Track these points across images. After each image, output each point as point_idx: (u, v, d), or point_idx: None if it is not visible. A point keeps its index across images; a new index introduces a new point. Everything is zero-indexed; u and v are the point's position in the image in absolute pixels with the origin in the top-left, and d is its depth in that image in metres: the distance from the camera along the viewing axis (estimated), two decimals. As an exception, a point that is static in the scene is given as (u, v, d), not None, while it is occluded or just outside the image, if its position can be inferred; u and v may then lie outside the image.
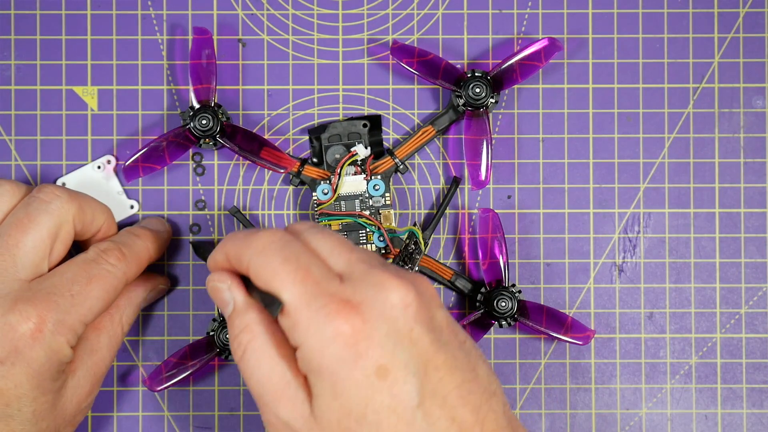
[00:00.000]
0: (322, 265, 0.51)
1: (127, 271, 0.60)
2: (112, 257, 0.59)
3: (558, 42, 0.64)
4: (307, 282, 0.50)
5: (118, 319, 0.62)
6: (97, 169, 0.66)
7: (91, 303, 0.57)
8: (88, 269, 0.58)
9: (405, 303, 0.50)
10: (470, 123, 0.64)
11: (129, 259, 0.60)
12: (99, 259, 0.59)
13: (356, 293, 0.50)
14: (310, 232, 0.53)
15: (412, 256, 0.63)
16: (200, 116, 0.63)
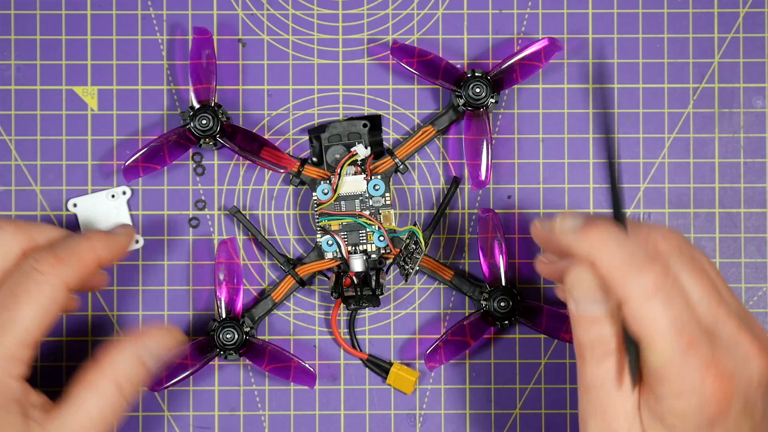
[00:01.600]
0: (693, 317, 0.50)
1: (64, 275, 0.56)
2: (44, 264, 0.56)
3: (558, 42, 0.64)
4: (689, 352, 0.50)
5: (110, 374, 0.55)
6: (111, 197, 0.66)
7: (24, 324, 0.54)
8: (15, 289, 0.55)
9: (761, 380, 0.52)
10: (470, 123, 0.64)
11: (66, 262, 0.56)
12: (29, 272, 0.56)
13: (726, 364, 0.50)
14: (682, 269, 0.52)
15: (413, 256, 0.63)
16: (200, 116, 0.63)
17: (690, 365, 0.50)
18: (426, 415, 0.66)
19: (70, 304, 0.59)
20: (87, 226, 0.65)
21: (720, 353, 0.51)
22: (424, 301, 0.66)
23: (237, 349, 0.63)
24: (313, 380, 0.64)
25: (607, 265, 0.50)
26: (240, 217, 0.65)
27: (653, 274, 0.50)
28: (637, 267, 0.50)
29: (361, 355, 0.65)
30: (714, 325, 0.52)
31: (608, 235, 0.51)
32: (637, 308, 0.50)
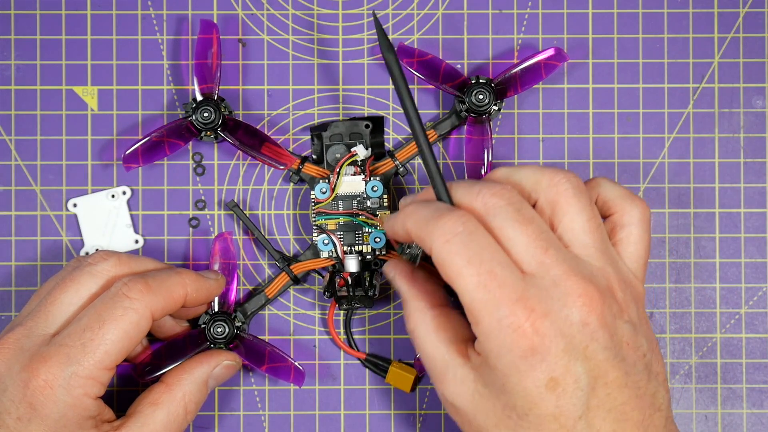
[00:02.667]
0: (509, 265, 0.52)
1: (151, 304, 0.57)
2: (133, 290, 0.57)
3: (564, 52, 0.64)
4: (490, 287, 0.51)
5: (180, 395, 0.59)
6: (111, 197, 0.66)
7: (106, 347, 0.56)
8: (102, 312, 0.57)
9: (584, 321, 0.51)
10: (472, 129, 0.64)
11: (155, 292, 0.58)
12: (118, 296, 0.57)
13: (541, 303, 0.51)
14: (506, 219, 0.53)
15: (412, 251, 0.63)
16: (203, 109, 0.63)
17: (492, 300, 0.51)
18: (426, 415, 0.66)
19: None
20: (87, 226, 0.66)
21: (535, 293, 0.51)
22: (423, 301, 0.66)
23: (227, 344, 0.63)
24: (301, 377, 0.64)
25: (414, 225, 0.54)
26: (238, 211, 0.65)
27: (451, 219, 0.52)
28: (437, 218, 0.52)
29: (359, 354, 0.65)
30: (535, 270, 0.52)
31: (416, 204, 0.55)
32: (438, 251, 0.52)
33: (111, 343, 0.56)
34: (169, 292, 0.58)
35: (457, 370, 0.54)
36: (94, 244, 0.66)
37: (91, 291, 0.58)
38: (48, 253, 0.66)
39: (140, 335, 0.57)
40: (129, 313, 0.57)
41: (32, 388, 0.55)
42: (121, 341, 0.56)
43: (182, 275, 0.59)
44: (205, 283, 0.61)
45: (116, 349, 0.56)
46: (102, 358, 0.56)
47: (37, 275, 0.66)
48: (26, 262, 0.66)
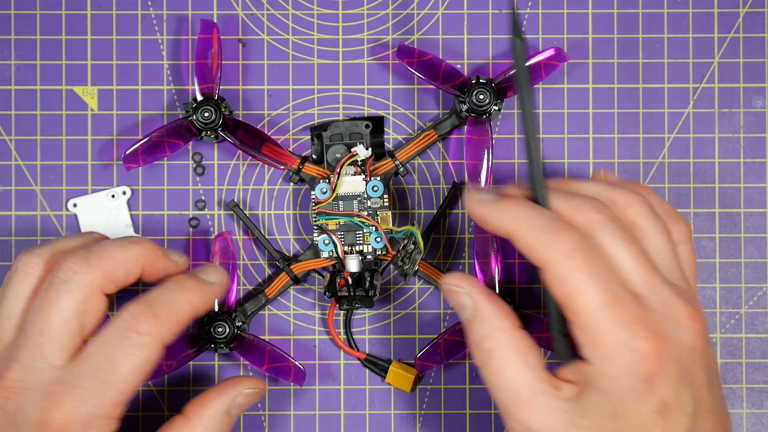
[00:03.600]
0: (623, 284, 0.51)
1: (162, 336, 0.55)
2: (143, 324, 0.54)
3: (564, 52, 0.64)
4: (612, 307, 0.50)
5: (200, 429, 0.58)
6: (111, 197, 0.66)
7: (121, 387, 0.54)
8: (111, 351, 0.54)
9: (693, 346, 0.51)
10: (472, 129, 0.64)
11: (165, 321, 0.55)
12: (128, 332, 0.54)
13: (658, 325, 0.50)
14: (611, 237, 0.51)
15: (412, 256, 0.63)
16: (203, 108, 0.63)
17: (616, 321, 0.49)
18: (426, 415, 0.66)
19: None
20: (87, 227, 0.66)
21: (650, 314, 0.50)
22: (423, 301, 0.66)
23: (228, 343, 0.63)
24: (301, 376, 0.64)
25: (526, 231, 0.51)
26: (238, 211, 0.65)
27: (571, 235, 0.50)
28: (555, 230, 0.51)
29: (359, 354, 0.65)
30: (645, 291, 0.51)
31: (525, 205, 0.52)
32: (557, 268, 0.50)
33: (125, 383, 0.54)
34: (178, 317, 0.56)
35: (548, 400, 0.51)
36: (94, 244, 0.66)
37: (75, 310, 0.55)
38: (48, 253, 0.66)
39: (153, 366, 0.55)
40: (141, 351, 0.55)
41: (51, 430, 0.53)
42: (135, 379, 0.55)
43: (188, 292, 0.57)
44: (209, 290, 0.58)
45: (131, 386, 0.55)
46: (117, 397, 0.54)
47: (37, 275, 0.66)
48: (26, 262, 0.66)
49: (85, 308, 0.55)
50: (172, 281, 0.57)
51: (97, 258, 0.56)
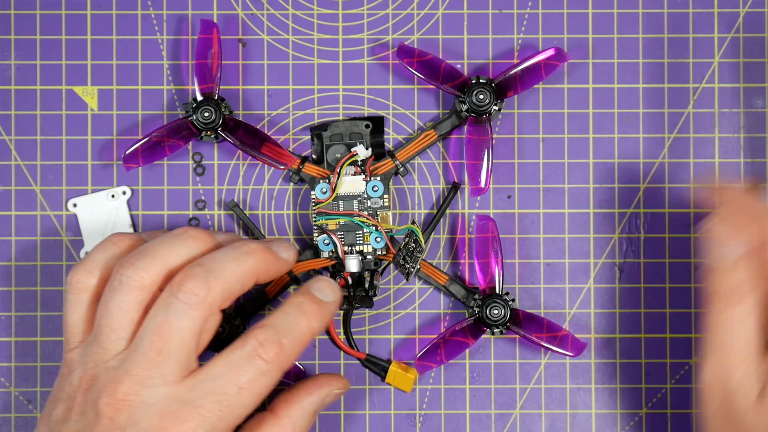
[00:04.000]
0: None
1: (285, 364, 0.55)
2: (269, 352, 0.55)
3: (564, 52, 0.64)
4: None
5: (290, 428, 0.58)
6: (111, 197, 0.66)
7: (241, 412, 0.54)
8: (238, 376, 0.54)
9: None
10: (472, 129, 0.64)
11: (288, 351, 0.55)
12: (253, 357, 0.54)
13: None
14: None
15: (413, 255, 0.63)
16: (203, 108, 0.63)
17: None
18: (426, 415, 0.66)
19: None
20: (87, 226, 0.66)
21: None
22: (423, 302, 0.66)
23: (228, 343, 0.63)
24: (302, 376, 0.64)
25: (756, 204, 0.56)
26: (238, 211, 0.65)
27: None
28: None
29: (359, 354, 0.65)
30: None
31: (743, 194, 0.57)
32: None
33: (245, 408, 0.55)
34: (300, 345, 0.56)
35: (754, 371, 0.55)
36: (94, 244, 0.65)
37: (194, 331, 0.55)
38: (48, 253, 0.66)
39: (267, 395, 0.56)
40: (266, 378, 0.55)
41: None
42: (254, 405, 0.55)
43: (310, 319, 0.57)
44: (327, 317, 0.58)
45: (248, 412, 0.55)
46: (235, 421, 0.54)
47: (37, 275, 0.66)
48: (26, 262, 0.66)
49: (203, 327, 0.55)
50: (294, 305, 0.57)
51: (216, 279, 0.55)
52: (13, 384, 0.66)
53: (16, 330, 0.66)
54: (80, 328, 0.58)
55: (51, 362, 0.66)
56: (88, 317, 0.58)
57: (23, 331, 0.66)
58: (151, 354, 0.54)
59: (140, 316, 0.56)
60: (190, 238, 0.58)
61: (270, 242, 0.60)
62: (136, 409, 0.54)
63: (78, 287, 0.58)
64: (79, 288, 0.58)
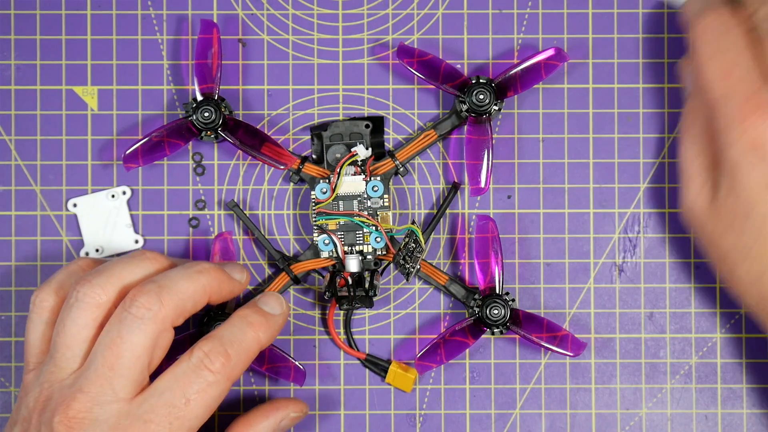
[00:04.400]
0: (751, 63, 0.55)
1: (232, 374, 0.56)
2: (216, 363, 0.56)
3: (564, 52, 0.64)
4: (728, 80, 0.55)
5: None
6: (111, 197, 0.66)
7: (192, 423, 0.55)
8: (185, 387, 0.55)
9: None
10: (472, 129, 0.64)
11: (235, 362, 0.56)
12: (200, 368, 0.55)
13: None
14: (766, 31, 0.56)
15: (414, 255, 0.63)
16: (203, 108, 0.63)
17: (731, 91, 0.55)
18: (426, 415, 0.66)
19: None
20: (87, 226, 0.66)
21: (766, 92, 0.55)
22: (423, 302, 0.66)
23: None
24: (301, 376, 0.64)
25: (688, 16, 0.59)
26: (238, 211, 0.65)
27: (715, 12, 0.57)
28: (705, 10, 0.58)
29: (359, 354, 0.65)
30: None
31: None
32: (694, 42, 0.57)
33: (196, 420, 0.55)
34: (247, 356, 0.57)
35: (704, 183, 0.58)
36: (94, 244, 0.66)
37: (146, 346, 0.55)
38: (48, 253, 0.66)
39: (216, 407, 0.56)
40: (213, 389, 0.56)
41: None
42: (204, 416, 0.56)
43: (257, 330, 0.58)
44: (274, 329, 0.59)
45: (200, 423, 0.56)
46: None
47: (37, 275, 0.66)
48: (26, 262, 0.66)
49: (155, 343, 0.56)
50: (239, 317, 0.58)
51: (169, 294, 0.56)
52: (13, 384, 0.66)
53: (16, 330, 0.66)
54: (39, 348, 0.59)
55: (51, 362, 0.66)
56: (46, 337, 0.59)
57: (23, 331, 0.66)
58: (103, 370, 0.55)
59: (95, 334, 0.57)
60: (146, 259, 0.59)
61: (223, 264, 0.61)
62: (89, 426, 0.54)
63: (40, 306, 0.59)
64: (42, 307, 0.59)
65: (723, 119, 0.55)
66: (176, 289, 0.57)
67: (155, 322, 0.56)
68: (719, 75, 0.55)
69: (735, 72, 0.55)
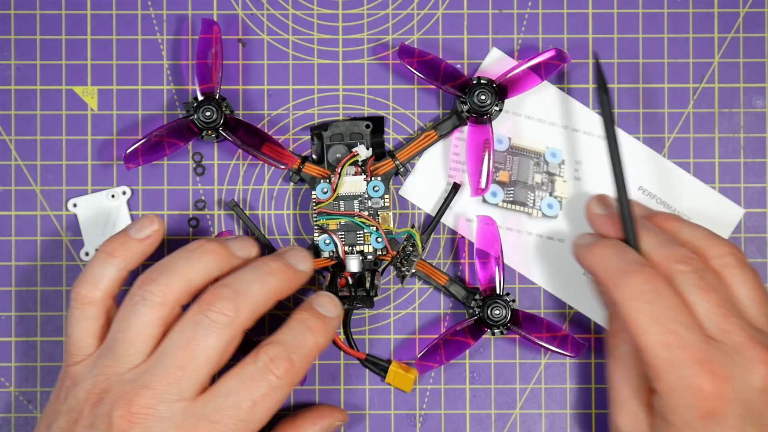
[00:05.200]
0: (693, 327, 0.54)
1: (294, 380, 0.57)
2: (280, 368, 0.56)
3: (565, 53, 0.64)
4: (672, 348, 0.53)
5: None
6: (111, 197, 0.66)
7: (255, 426, 0.55)
8: (252, 390, 0.55)
9: (765, 389, 0.54)
10: (473, 129, 0.64)
11: (298, 368, 0.57)
12: (265, 372, 0.56)
13: (724, 368, 0.53)
14: (689, 285, 0.55)
15: (409, 258, 0.63)
16: (204, 108, 0.63)
17: (678, 361, 0.53)
18: (426, 415, 0.66)
19: None
20: (87, 226, 0.66)
21: (718, 357, 0.53)
22: (423, 302, 0.66)
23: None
24: None
25: (603, 272, 0.56)
26: (238, 210, 0.65)
27: (641, 277, 0.54)
28: (627, 272, 0.55)
29: (359, 354, 0.65)
30: (718, 335, 0.54)
31: (609, 248, 0.57)
32: (624, 307, 0.55)
33: (259, 423, 0.55)
34: (308, 362, 0.57)
35: (637, 410, 0.57)
36: (94, 244, 0.66)
37: (219, 350, 0.56)
38: (48, 253, 0.66)
39: (279, 408, 0.57)
40: (278, 393, 0.56)
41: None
42: (266, 419, 0.56)
43: (317, 335, 0.58)
44: (332, 333, 0.59)
45: (260, 426, 0.56)
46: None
47: (37, 275, 0.66)
48: (26, 262, 0.66)
49: (227, 348, 0.56)
50: (299, 321, 0.58)
51: (244, 300, 0.57)
52: (13, 384, 0.66)
53: (16, 330, 0.66)
54: (86, 342, 0.59)
55: (51, 362, 0.66)
56: (94, 331, 0.59)
57: (23, 331, 0.66)
58: (173, 369, 0.55)
59: (159, 332, 0.57)
60: (207, 252, 0.59)
61: (287, 253, 0.60)
62: (152, 423, 0.54)
63: (83, 301, 0.59)
64: (85, 302, 0.59)
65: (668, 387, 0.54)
66: (251, 294, 0.57)
67: (231, 328, 0.56)
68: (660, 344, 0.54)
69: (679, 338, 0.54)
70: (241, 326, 0.56)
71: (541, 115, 0.66)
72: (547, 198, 0.65)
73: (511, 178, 0.66)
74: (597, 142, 0.66)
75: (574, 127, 0.66)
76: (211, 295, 0.56)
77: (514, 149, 0.66)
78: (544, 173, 0.65)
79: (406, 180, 0.66)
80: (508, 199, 0.65)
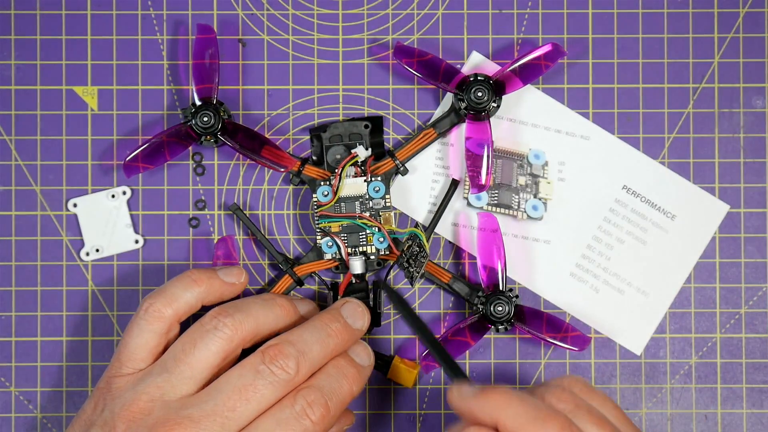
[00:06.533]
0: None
1: (327, 426, 0.57)
2: (317, 413, 0.57)
3: (561, 48, 0.64)
4: None
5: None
6: (111, 197, 0.66)
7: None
8: (285, 430, 0.56)
9: None
10: (471, 126, 0.64)
11: (333, 414, 0.58)
12: (302, 417, 0.57)
13: None
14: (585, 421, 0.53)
15: (418, 259, 0.63)
16: (202, 113, 0.63)
17: None
18: (426, 415, 0.66)
19: None
20: (87, 226, 0.66)
21: None
22: (424, 301, 0.66)
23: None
24: None
25: (513, 420, 0.51)
26: (240, 214, 0.65)
27: (557, 421, 0.51)
28: (541, 420, 0.51)
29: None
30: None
31: (510, 395, 0.52)
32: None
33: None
34: (342, 406, 0.58)
35: None
36: (94, 244, 0.66)
37: (271, 401, 0.56)
38: (48, 253, 0.66)
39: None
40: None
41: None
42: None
43: (351, 383, 0.59)
44: (365, 378, 0.60)
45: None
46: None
47: (37, 275, 0.66)
48: (26, 262, 0.66)
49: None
50: (336, 368, 0.59)
51: (305, 361, 0.57)
52: (13, 384, 0.66)
53: (16, 330, 0.66)
54: (141, 355, 0.59)
55: (51, 362, 0.66)
56: (152, 346, 0.59)
57: (23, 331, 0.66)
58: (223, 410, 0.55)
59: (219, 365, 0.58)
60: (278, 306, 0.60)
61: (345, 308, 0.61)
62: (159, 407, 0.55)
63: (153, 314, 0.59)
64: (154, 316, 0.59)
65: None
66: (311, 356, 0.58)
67: (289, 385, 0.57)
68: None
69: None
70: (296, 384, 0.57)
71: (523, 117, 0.66)
72: (531, 200, 0.65)
73: (495, 181, 0.66)
74: (580, 143, 0.66)
75: (556, 128, 0.66)
76: (276, 349, 0.57)
77: (497, 152, 0.66)
78: (528, 175, 0.66)
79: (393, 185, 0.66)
80: (493, 202, 0.65)
